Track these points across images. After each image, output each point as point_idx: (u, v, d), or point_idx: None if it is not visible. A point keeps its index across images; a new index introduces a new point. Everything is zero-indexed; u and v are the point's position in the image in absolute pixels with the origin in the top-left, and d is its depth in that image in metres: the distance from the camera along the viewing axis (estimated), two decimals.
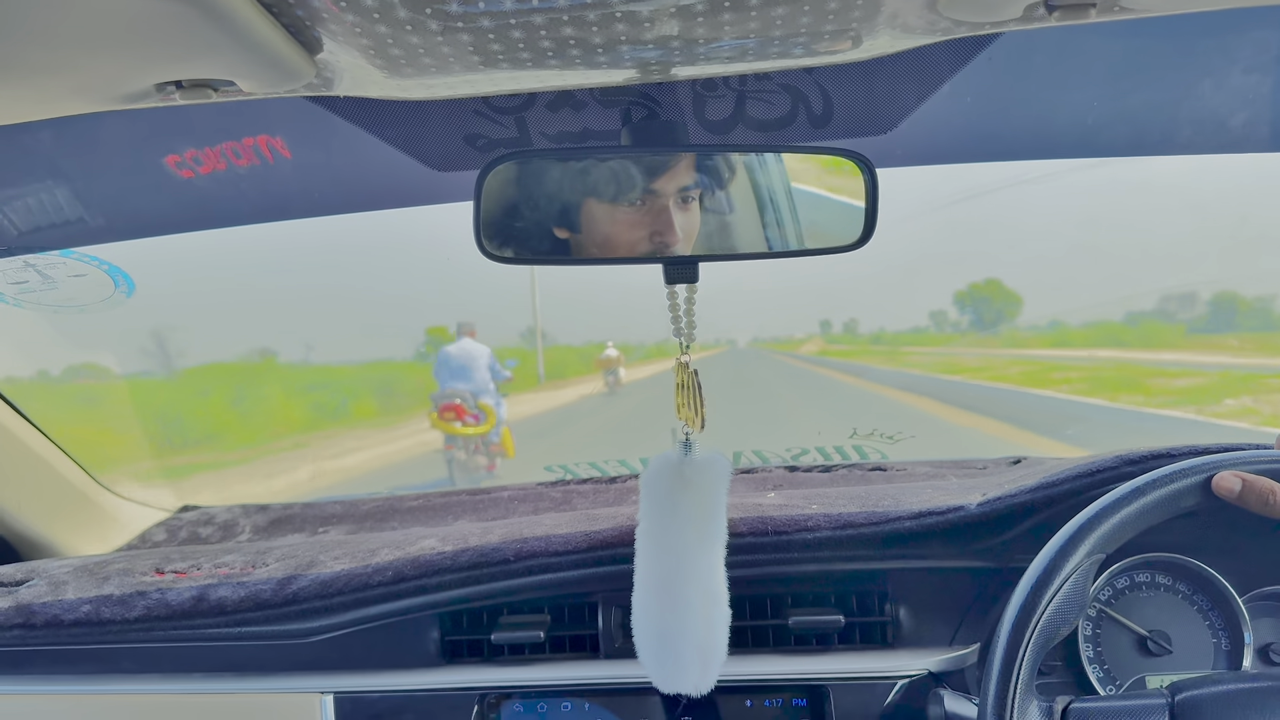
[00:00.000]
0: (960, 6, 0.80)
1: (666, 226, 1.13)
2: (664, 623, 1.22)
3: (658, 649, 1.22)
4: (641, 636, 1.23)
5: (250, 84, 0.87)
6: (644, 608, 1.24)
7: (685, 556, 1.21)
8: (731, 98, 1.19)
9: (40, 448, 1.79)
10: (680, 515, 1.21)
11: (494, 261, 1.08)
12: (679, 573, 1.21)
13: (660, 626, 1.22)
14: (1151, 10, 0.82)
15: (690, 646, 1.21)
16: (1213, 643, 1.30)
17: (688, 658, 1.21)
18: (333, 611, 1.38)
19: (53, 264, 1.53)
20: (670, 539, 1.22)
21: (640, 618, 1.24)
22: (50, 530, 1.82)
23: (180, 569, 1.52)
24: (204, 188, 1.47)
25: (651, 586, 1.23)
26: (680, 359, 1.22)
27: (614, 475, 2.00)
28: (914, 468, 1.86)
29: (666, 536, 1.22)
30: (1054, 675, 1.31)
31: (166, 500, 2.04)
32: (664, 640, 1.21)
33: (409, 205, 1.48)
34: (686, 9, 0.78)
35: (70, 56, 0.78)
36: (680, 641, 1.21)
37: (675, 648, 1.21)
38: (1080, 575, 1.07)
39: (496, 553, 1.38)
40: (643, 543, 1.24)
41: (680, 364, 1.22)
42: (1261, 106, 1.40)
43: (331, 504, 1.99)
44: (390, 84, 0.94)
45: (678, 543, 1.21)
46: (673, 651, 1.21)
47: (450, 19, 0.77)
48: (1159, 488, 1.08)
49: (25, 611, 1.43)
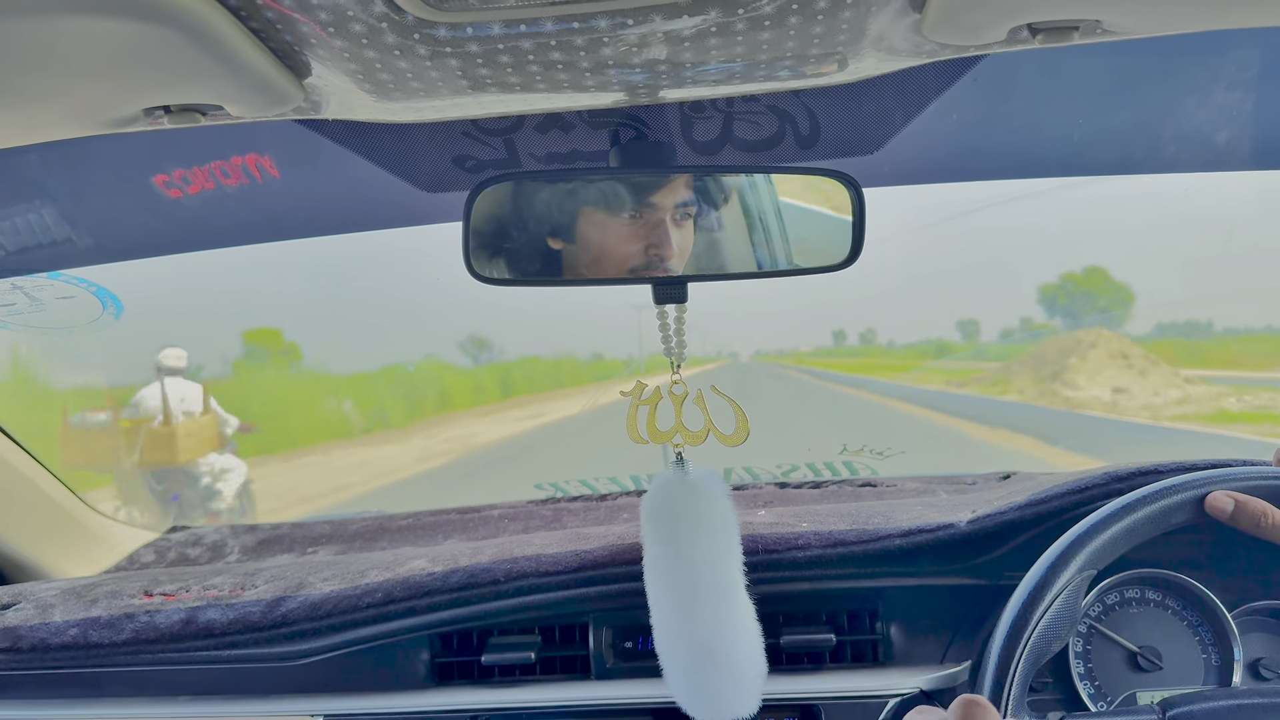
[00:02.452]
0: (945, 30, 0.80)
1: (663, 241, 1.13)
2: (706, 641, 1.16)
3: (689, 676, 1.16)
4: (670, 666, 1.17)
5: (238, 108, 0.88)
6: (668, 634, 1.18)
7: (708, 573, 1.17)
8: (719, 119, 1.19)
9: (27, 469, 1.78)
10: (696, 532, 1.17)
11: (482, 283, 1.08)
12: (703, 591, 1.16)
13: (690, 652, 1.16)
14: (1133, 33, 0.83)
15: (724, 669, 1.16)
16: (1203, 658, 1.30)
17: (722, 681, 1.16)
18: (322, 634, 1.37)
19: (40, 286, 1.53)
20: (694, 553, 1.17)
21: (666, 646, 1.18)
22: (37, 552, 1.80)
23: (169, 591, 1.51)
24: (193, 208, 1.47)
25: (673, 611, 1.17)
26: (673, 377, 1.22)
27: (604, 492, 2.00)
28: (904, 483, 1.86)
29: (692, 550, 1.17)
30: (1045, 692, 1.31)
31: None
32: (695, 666, 1.16)
33: (398, 226, 1.48)
34: (673, 34, 0.78)
35: (59, 82, 0.78)
36: (712, 665, 1.16)
37: (708, 672, 1.16)
38: (1072, 591, 1.08)
39: (486, 573, 1.38)
40: (658, 567, 1.19)
41: (670, 383, 1.22)
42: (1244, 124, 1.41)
43: (320, 524, 1.99)
44: (378, 107, 0.94)
45: (698, 561, 1.17)
46: (705, 676, 1.16)
47: (438, 44, 0.78)
48: (1150, 504, 1.09)
49: (12, 635, 1.42)
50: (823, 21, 0.78)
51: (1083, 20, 0.78)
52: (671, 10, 0.74)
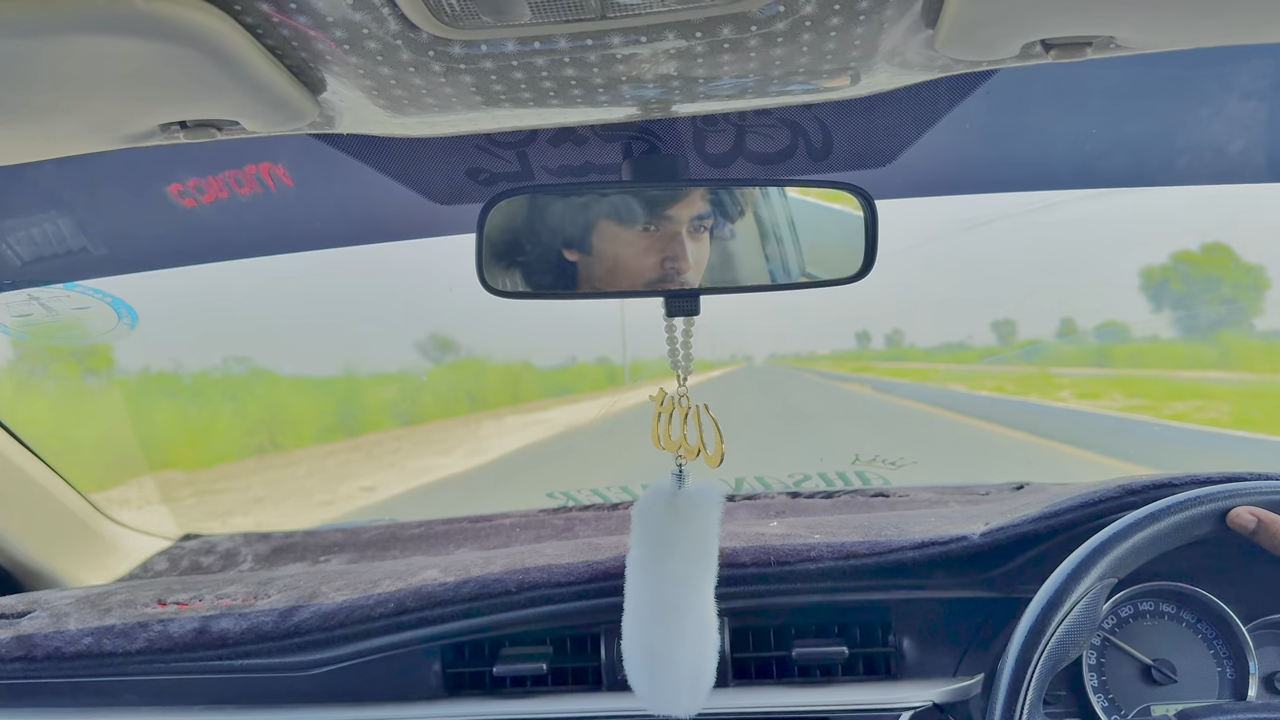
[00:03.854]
0: (958, 46, 0.80)
1: (679, 254, 1.14)
2: (655, 648, 1.22)
3: (649, 673, 1.22)
4: (632, 660, 1.24)
5: (254, 124, 0.88)
6: (634, 632, 1.24)
7: (676, 586, 1.22)
8: (732, 132, 1.20)
9: (41, 477, 1.79)
10: (672, 545, 1.22)
11: (496, 296, 1.09)
12: (670, 601, 1.21)
13: (651, 652, 1.22)
14: (1145, 49, 0.83)
15: (681, 670, 1.21)
16: (1218, 671, 1.30)
17: (679, 681, 1.21)
18: (335, 644, 1.38)
19: (56, 297, 1.54)
20: (662, 569, 1.22)
21: (631, 642, 1.24)
22: (52, 560, 1.81)
23: (182, 600, 1.52)
24: (207, 218, 1.48)
25: (643, 613, 1.23)
26: (679, 390, 1.22)
27: (615, 502, 2.00)
28: (916, 493, 1.86)
29: (659, 566, 1.22)
30: (1059, 705, 1.31)
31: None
32: (655, 665, 1.22)
33: (411, 238, 1.48)
34: (686, 50, 0.79)
35: (79, 99, 0.79)
36: (671, 666, 1.21)
37: (666, 671, 1.21)
38: (1090, 600, 1.08)
39: (498, 584, 1.38)
40: (633, 570, 1.24)
41: (677, 395, 1.22)
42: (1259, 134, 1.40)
43: (333, 532, 1.99)
44: (393, 122, 0.94)
45: (669, 572, 1.22)
46: (664, 675, 1.21)
47: (453, 61, 0.78)
48: (1174, 514, 1.09)
49: (27, 643, 1.43)
50: (835, 38, 0.78)
51: (1096, 36, 0.78)
52: (684, 28, 0.74)
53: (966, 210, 6.07)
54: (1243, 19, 0.77)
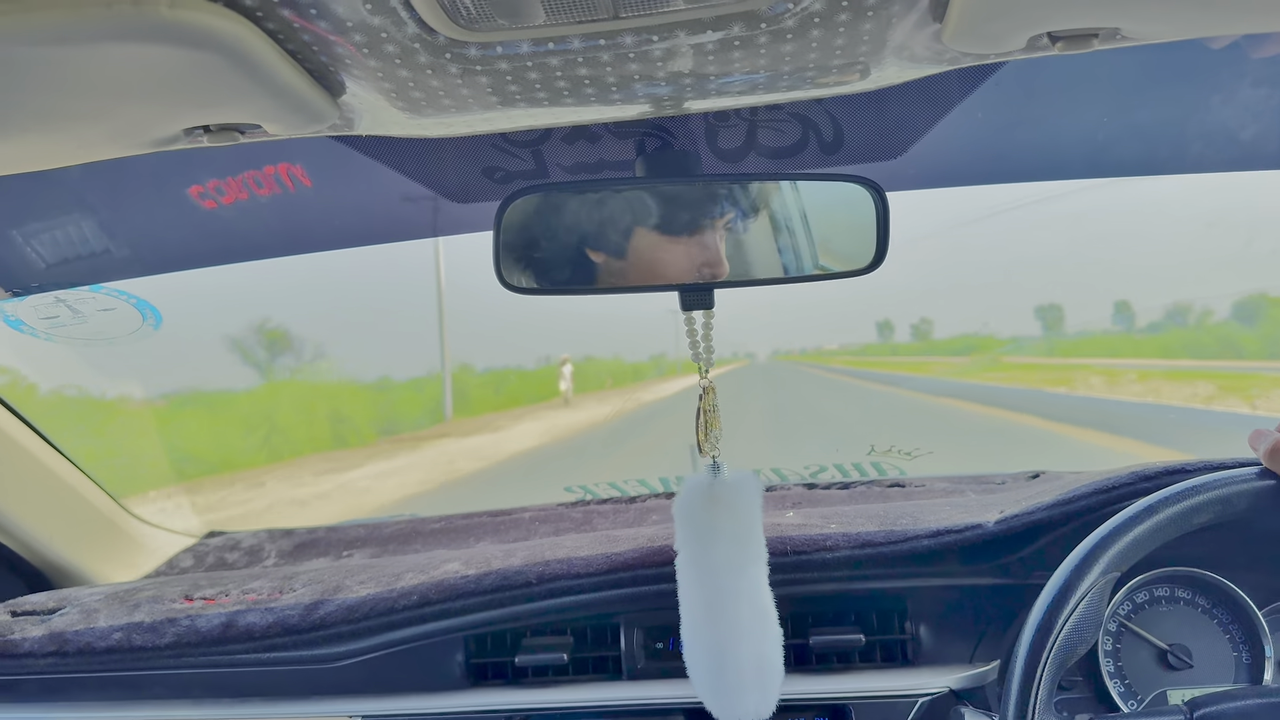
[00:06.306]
0: (965, 39, 0.81)
1: (715, 260, 1.15)
2: (717, 648, 1.19)
3: (714, 677, 1.19)
4: (695, 666, 1.21)
5: (276, 127, 0.90)
6: (694, 634, 1.21)
7: (729, 578, 1.20)
8: (743, 127, 1.21)
9: (69, 476, 1.82)
10: (719, 537, 1.20)
11: (513, 293, 1.10)
12: (725, 595, 1.19)
13: (714, 652, 1.19)
14: (1152, 39, 0.84)
15: (746, 670, 1.19)
16: (1234, 656, 1.30)
17: (745, 682, 1.19)
18: (359, 636, 1.40)
19: (82, 299, 1.56)
20: (711, 562, 1.20)
21: (692, 646, 1.21)
22: (80, 558, 1.84)
23: (209, 595, 1.55)
24: (227, 218, 1.49)
25: (699, 612, 1.21)
26: (701, 383, 1.23)
27: (634, 495, 2.02)
28: (932, 483, 1.86)
29: (708, 560, 1.20)
30: (1075, 690, 1.32)
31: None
32: (719, 666, 1.19)
33: (428, 236, 1.50)
34: (698, 47, 0.80)
35: (105, 105, 0.81)
36: (735, 666, 1.19)
37: (731, 673, 1.18)
38: (1096, 593, 1.08)
39: (519, 575, 1.40)
40: (684, 571, 1.22)
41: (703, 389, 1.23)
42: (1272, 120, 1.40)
43: (355, 527, 2.01)
44: (410, 123, 0.96)
45: (720, 565, 1.20)
46: (729, 677, 1.19)
47: (469, 63, 0.80)
48: (1173, 505, 1.09)
49: (58, 639, 1.46)
50: (844, 34, 0.80)
51: (1102, 28, 0.79)
52: (695, 26, 0.76)
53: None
54: (1247, 7, 0.77)
